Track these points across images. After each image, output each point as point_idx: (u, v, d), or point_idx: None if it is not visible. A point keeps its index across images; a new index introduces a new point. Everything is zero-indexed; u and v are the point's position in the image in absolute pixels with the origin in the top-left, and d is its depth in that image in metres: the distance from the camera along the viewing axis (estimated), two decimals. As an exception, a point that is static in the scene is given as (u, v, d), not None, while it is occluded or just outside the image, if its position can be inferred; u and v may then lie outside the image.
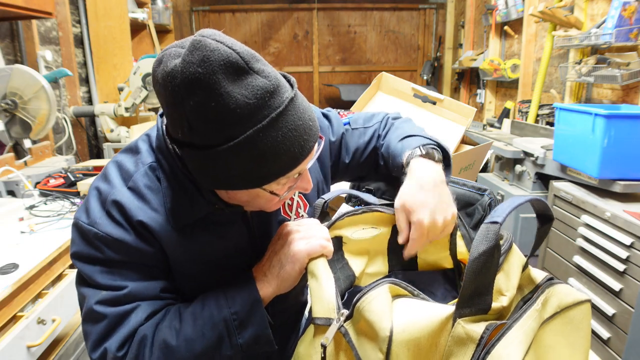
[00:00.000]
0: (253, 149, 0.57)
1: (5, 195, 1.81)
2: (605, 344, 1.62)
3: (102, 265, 0.66)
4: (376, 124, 0.96)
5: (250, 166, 0.58)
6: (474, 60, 3.95)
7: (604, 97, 2.41)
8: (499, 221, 0.50)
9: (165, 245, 0.68)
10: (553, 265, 1.97)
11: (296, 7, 4.84)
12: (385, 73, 1.60)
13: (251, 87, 0.55)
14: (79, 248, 0.67)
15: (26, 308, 1.23)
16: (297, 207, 0.85)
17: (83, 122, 2.90)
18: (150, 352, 0.64)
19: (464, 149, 1.48)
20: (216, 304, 0.66)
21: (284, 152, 0.58)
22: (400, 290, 0.56)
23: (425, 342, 0.50)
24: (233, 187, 0.63)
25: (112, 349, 0.64)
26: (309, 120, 0.62)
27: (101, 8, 2.87)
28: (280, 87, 0.58)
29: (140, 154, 0.71)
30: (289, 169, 0.61)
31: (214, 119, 0.55)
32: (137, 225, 0.66)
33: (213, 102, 0.53)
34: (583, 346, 0.58)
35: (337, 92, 4.71)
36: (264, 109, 0.56)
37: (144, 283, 0.67)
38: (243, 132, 0.55)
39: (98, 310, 0.65)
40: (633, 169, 1.67)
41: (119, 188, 0.67)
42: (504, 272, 0.58)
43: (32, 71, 1.91)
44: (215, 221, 0.71)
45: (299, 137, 0.59)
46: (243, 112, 0.54)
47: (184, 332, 0.64)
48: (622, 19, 2.02)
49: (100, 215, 0.66)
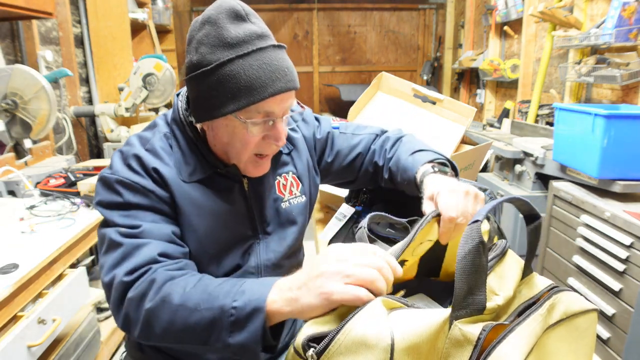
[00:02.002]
0: (234, 71, 0.71)
1: (6, 195, 1.81)
2: (605, 344, 1.62)
3: (121, 209, 0.75)
4: (367, 135, 1.05)
5: (229, 87, 0.72)
6: (474, 61, 3.95)
7: (604, 97, 2.41)
8: (479, 219, 0.51)
9: (175, 194, 0.79)
10: (553, 265, 1.97)
11: (296, 7, 4.84)
12: (385, 73, 1.60)
13: (245, 28, 0.73)
14: (102, 196, 0.77)
15: (26, 308, 1.23)
16: (291, 187, 0.94)
17: (83, 122, 2.90)
18: (154, 296, 0.67)
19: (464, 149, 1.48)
20: (229, 289, 0.64)
21: (256, 79, 0.72)
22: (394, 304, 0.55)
23: (424, 347, 0.50)
24: (215, 113, 0.75)
25: (121, 273, 0.70)
26: (286, 68, 0.75)
27: (101, 8, 2.87)
28: (268, 36, 0.75)
29: (157, 126, 0.85)
30: (259, 96, 0.72)
31: (212, 43, 0.73)
32: (153, 172, 0.78)
33: (214, 32, 0.73)
34: (587, 354, 0.58)
35: (337, 92, 4.71)
36: (250, 44, 0.72)
37: (157, 225, 0.76)
38: (229, 56, 0.72)
39: (115, 239, 0.73)
40: (633, 169, 1.67)
41: (138, 147, 0.81)
42: (495, 274, 0.58)
43: (33, 71, 1.91)
44: (217, 186, 0.83)
45: (271, 73, 0.73)
46: (233, 41, 0.72)
47: (189, 297, 0.65)
48: (622, 19, 2.02)
49: (121, 166, 0.78)
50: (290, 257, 0.95)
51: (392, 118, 1.52)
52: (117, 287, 0.70)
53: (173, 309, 0.65)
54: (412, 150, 0.93)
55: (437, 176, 0.81)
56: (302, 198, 0.95)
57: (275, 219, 0.91)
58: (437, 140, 1.46)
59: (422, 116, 1.54)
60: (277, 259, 0.90)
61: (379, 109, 1.56)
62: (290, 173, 0.94)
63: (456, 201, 0.71)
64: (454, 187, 0.74)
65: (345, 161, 1.03)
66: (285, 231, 0.92)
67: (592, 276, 1.68)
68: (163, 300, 0.66)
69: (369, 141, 1.05)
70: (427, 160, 0.88)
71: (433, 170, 0.84)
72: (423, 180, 0.83)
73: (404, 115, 1.53)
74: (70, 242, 1.41)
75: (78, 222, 1.51)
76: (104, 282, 0.72)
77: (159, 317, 0.66)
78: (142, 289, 0.68)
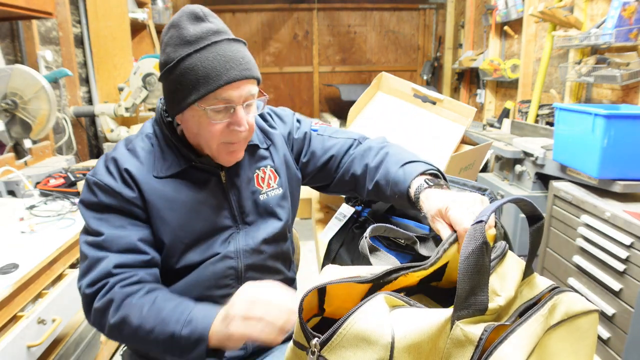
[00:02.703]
0: (192, 64, 0.79)
1: (6, 195, 1.81)
2: (605, 344, 1.62)
3: (95, 210, 0.85)
4: (344, 139, 1.06)
5: (189, 79, 0.80)
6: (474, 60, 3.95)
7: (604, 97, 2.41)
8: (484, 219, 0.51)
9: (144, 191, 0.86)
10: (553, 265, 1.97)
11: (296, 7, 4.84)
12: (385, 73, 1.60)
13: (202, 27, 0.81)
14: (83, 196, 0.87)
15: (26, 308, 1.23)
16: (269, 179, 0.99)
17: (83, 122, 2.90)
18: (114, 314, 0.78)
19: (464, 149, 1.48)
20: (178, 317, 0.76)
21: (212, 69, 0.79)
22: (397, 301, 0.55)
23: (425, 346, 0.50)
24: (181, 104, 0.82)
25: (84, 285, 0.81)
26: (241, 58, 0.83)
27: (101, 8, 2.87)
28: (224, 32, 0.84)
29: (143, 128, 0.95)
30: (215, 84, 0.80)
31: (174, 43, 0.82)
32: (124, 172, 0.86)
33: (177, 33, 0.82)
34: (588, 355, 0.58)
35: (337, 92, 4.71)
36: (205, 39, 0.81)
37: (121, 232, 0.84)
38: (188, 51, 0.80)
39: (84, 251, 0.84)
40: (633, 169, 1.67)
41: (120, 149, 0.90)
42: (497, 274, 0.58)
43: (33, 71, 1.91)
44: (193, 179, 0.90)
45: (225, 63, 0.80)
46: (192, 38, 0.80)
47: (145, 320, 0.77)
48: (622, 19, 2.02)
49: (101, 168, 0.87)
50: (270, 243, 0.98)
51: (392, 118, 1.52)
52: (83, 297, 0.83)
53: (133, 328, 0.77)
54: (402, 162, 0.92)
55: (435, 191, 0.80)
56: (279, 190, 1.00)
57: (254, 210, 0.96)
58: (437, 140, 1.46)
59: (422, 116, 1.53)
60: (256, 245, 0.95)
61: (379, 109, 1.56)
62: (269, 167, 1.00)
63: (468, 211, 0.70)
64: (461, 200, 0.73)
65: (319, 162, 1.05)
66: (265, 222, 0.97)
67: (592, 276, 1.68)
68: (123, 321, 0.78)
69: (345, 145, 1.04)
70: (418, 172, 0.87)
71: (428, 184, 0.82)
72: (419, 196, 0.82)
73: (404, 115, 1.53)
74: (70, 242, 1.41)
75: (78, 222, 1.51)
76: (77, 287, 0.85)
77: (121, 332, 0.79)
78: (102, 305, 0.79)
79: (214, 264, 0.91)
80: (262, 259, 0.97)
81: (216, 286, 0.92)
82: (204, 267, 0.90)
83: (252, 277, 0.94)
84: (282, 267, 1.03)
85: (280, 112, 1.08)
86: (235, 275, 0.93)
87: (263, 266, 0.97)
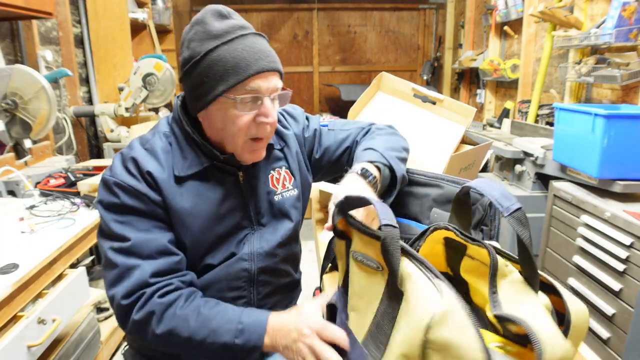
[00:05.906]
0: (221, 55, 0.79)
1: (6, 195, 1.81)
2: (604, 344, 1.62)
3: (117, 212, 0.82)
4: (355, 129, 1.09)
5: (217, 69, 0.79)
6: (474, 61, 3.95)
7: (604, 97, 2.41)
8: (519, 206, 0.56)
9: (166, 195, 0.84)
10: (553, 265, 1.97)
11: (296, 7, 4.84)
12: (385, 73, 1.60)
13: (228, 23, 0.82)
14: (102, 196, 0.84)
15: (26, 308, 1.23)
16: (284, 180, 0.99)
17: (83, 122, 2.90)
18: (157, 325, 0.78)
19: (464, 149, 1.47)
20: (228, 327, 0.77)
21: (241, 59, 0.79)
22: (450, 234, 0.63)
23: None
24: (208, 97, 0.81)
25: (119, 295, 0.79)
26: (267, 50, 0.83)
27: (101, 8, 2.87)
28: (249, 27, 0.84)
29: (159, 127, 0.91)
30: (245, 74, 0.79)
31: (200, 38, 0.81)
32: (147, 175, 0.83)
33: (202, 29, 0.81)
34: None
35: (337, 92, 4.70)
36: (232, 33, 0.81)
37: (149, 235, 0.82)
38: (216, 44, 0.80)
39: (111, 258, 0.80)
40: (633, 169, 1.67)
41: (138, 149, 0.86)
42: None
43: (33, 71, 1.91)
44: (212, 180, 0.89)
45: (254, 54, 0.81)
46: (218, 33, 0.81)
47: (195, 332, 0.77)
48: (622, 19, 2.02)
49: (120, 169, 0.84)
50: (283, 246, 0.98)
51: (392, 118, 1.52)
52: (118, 308, 0.80)
53: (182, 339, 0.77)
54: (368, 146, 0.97)
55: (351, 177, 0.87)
56: (294, 191, 1.00)
57: (269, 211, 0.96)
58: (437, 140, 1.45)
59: (422, 116, 1.53)
60: (271, 248, 0.95)
61: (379, 109, 1.56)
62: (284, 167, 1.00)
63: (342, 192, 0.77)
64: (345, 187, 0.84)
65: (334, 156, 1.07)
66: (278, 223, 0.97)
67: (592, 276, 1.68)
68: (170, 333, 0.77)
69: (357, 135, 1.07)
70: (367, 159, 0.91)
71: (357, 171, 0.87)
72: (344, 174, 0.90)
73: (404, 115, 1.53)
74: (70, 242, 1.41)
75: (78, 222, 1.51)
76: (107, 295, 0.83)
77: (169, 342, 0.79)
78: (143, 317, 0.78)
79: (230, 265, 0.91)
80: (275, 262, 0.97)
81: (228, 288, 0.92)
82: (219, 268, 0.90)
83: (264, 280, 0.95)
84: (291, 270, 1.04)
85: (292, 110, 1.08)
86: (248, 278, 0.93)
87: (275, 269, 0.97)
